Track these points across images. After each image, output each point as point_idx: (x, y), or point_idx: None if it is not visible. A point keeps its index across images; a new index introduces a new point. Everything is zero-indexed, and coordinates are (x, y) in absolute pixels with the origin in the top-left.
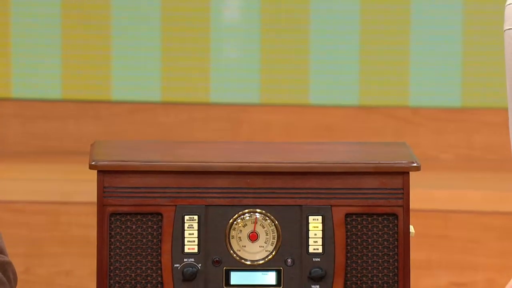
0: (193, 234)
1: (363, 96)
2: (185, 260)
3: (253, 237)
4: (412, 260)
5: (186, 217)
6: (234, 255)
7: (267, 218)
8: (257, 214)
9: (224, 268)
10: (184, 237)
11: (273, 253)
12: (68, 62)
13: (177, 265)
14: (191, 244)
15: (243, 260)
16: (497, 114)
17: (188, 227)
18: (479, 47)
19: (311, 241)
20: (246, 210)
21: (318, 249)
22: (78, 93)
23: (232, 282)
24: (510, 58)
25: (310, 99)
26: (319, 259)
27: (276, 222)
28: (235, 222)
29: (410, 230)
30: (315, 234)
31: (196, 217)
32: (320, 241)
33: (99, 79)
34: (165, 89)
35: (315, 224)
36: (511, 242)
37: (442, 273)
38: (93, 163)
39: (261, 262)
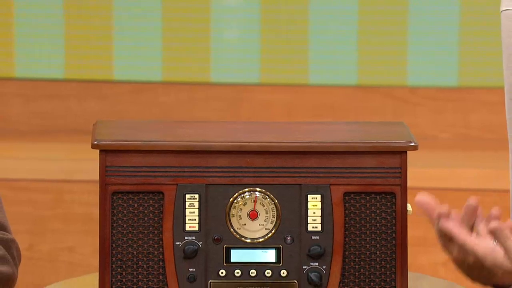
0: (194, 212)
1: (362, 76)
2: (186, 238)
3: (253, 215)
4: (409, 237)
5: (187, 196)
6: (234, 233)
7: (267, 196)
8: (257, 193)
9: (225, 246)
10: (185, 216)
11: (273, 231)
12: (71, 42)
13: (178, 243)
14: (192, 223)
15: (243, 238)
16: (493, 94)
17: (189, 206)
18: (476, 27)
19: (310, 220)
20: (246, 189)
21: (317, 227)
22: (81, 73)
23: (232, 260)
24: (507, 38)
25: (309, 79)
26: (318, 237)
27: (276, 201)
28: (235, 201)
29: (408, 209)
30: (314, 213)
31: (197, 195)
32: (319, 220)
33: (101, 59)
34: (166, 69)
35: (314, 203)
36: (507, 219)
37: (438, 250)
38: (95, 142)
39: (261, 240)
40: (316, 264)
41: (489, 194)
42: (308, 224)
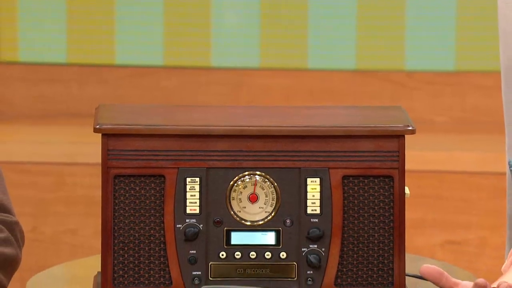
0: (194, 195)
1: (360, 61)
2: (187, 220)
3: (253, 198)
4: (406, 219)
5: (188, 179)
6: (235, 216)
7: (267, 180)
8: (257, 176)
9: (225, 228)
10: (186, 199)
11: (272, 214)
12: (73, 27)
13: (179, 225)
14: (192, 205)
15: (243, 221)
16: (490, 78)
17: (190, 189)
18: (473, 12)
19: (309, 203)
20: (246, 173)
21: (316, 210)
22: (83, 57)
23: (232, 242)
24: (503, 23)
25: (308, 63)
26: (317, 220)
27: (276, 184)
28: (235, 184)
29: (405, 192)
30: (313, 196)
31: (197, 179)
32: (318, 203)
33: (103, 43)
34: (167, 53)
35: (313, 186)
36: (503, 201)
37: (436, 232)
38: (97, 126)
39: (260, 222)
40: (315, 246)
41: (485, 177)
42: (307, 207)
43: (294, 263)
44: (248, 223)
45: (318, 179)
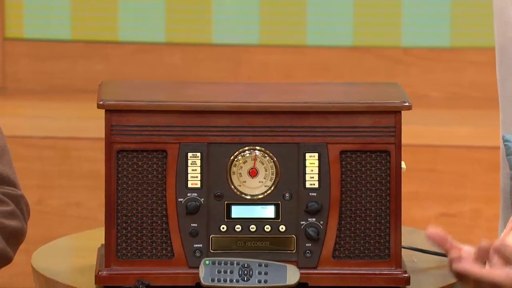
0: (196, 170)
1: (357, 37)
2: (188, 194)
3: (253, 173)
4: (402, 192)
5: (190, 154)
6: (235, 190)
7: (266, 155)
8: (256, 151)
9: (226, 202)
10: (188, 173)
11: (272, 188)
12: (77, 4)
13: (181, 199)
14: (194, 180)
15: (243, 195)
16: (484, 54)
17: (191, 164)
18: None
19: (307, 177)
20: (246, 148)
21: (314, 184)
22: (87, 34)
23: (233, 216)
24: (498, 0)
25: (307, 40)
26: (315, 194)
27: (275, 159)
28: (236, 159)
29: (402, 166)
30: (312, 170)
31: (199, 154)
32: (316, 177)
33: (107, 20)
34: (169, 30)
35: (312, 161)
36: (497, 174)
37: (431, 205)
38: (101, 102)
39: (260, 196)
40: (314, 219)
41: (480, 151)
42: (306, 181)
43: (293, 236)
44: (248, 197)
45: (316, 154)
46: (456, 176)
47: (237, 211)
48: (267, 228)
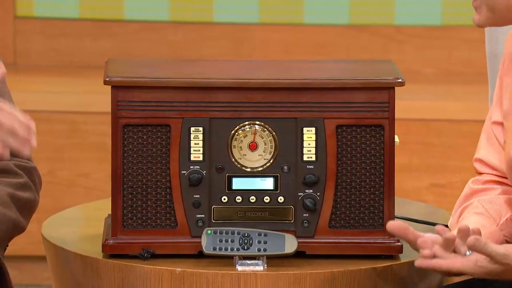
0: (198, 144)
1: (353, 16)
2: (191, 167)
3: (253, 146)
4: (395, 164)
5: (192, 129)
6: (236, 162)
7: (266, 129)
8: (256, 126)
9: (227, 174)
10: (190, 147)
11: (271, 161)
12: None
13: (184, 171)
14: (196, 153)
15: (243, 167)
16: (475, 31)
17: (193, 138)
18: None
19: (305, 150)
20: (247, 122)
21: (311, 157)
22: (94, 13)
23: (233, 187)
24: None
25: (304, 18)
26: (312, 167)
27: (274, 133)
28: (236, 133)
29: (395, 140)
30: (309, 144)
31: (201, 128)
32: (313, 150)
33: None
34: (173, 9)
35: (309, 135)
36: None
37: (422, 176)
38: (107, 79)
39: (260, 169)
40: (311, 191)
41: (469, 124)
42: (304, 155)
43: (291, 206)
44: (248, 170)
45: (313, 129)
46: (446, 148)
47: (238, 183)
48: (266, 199)
